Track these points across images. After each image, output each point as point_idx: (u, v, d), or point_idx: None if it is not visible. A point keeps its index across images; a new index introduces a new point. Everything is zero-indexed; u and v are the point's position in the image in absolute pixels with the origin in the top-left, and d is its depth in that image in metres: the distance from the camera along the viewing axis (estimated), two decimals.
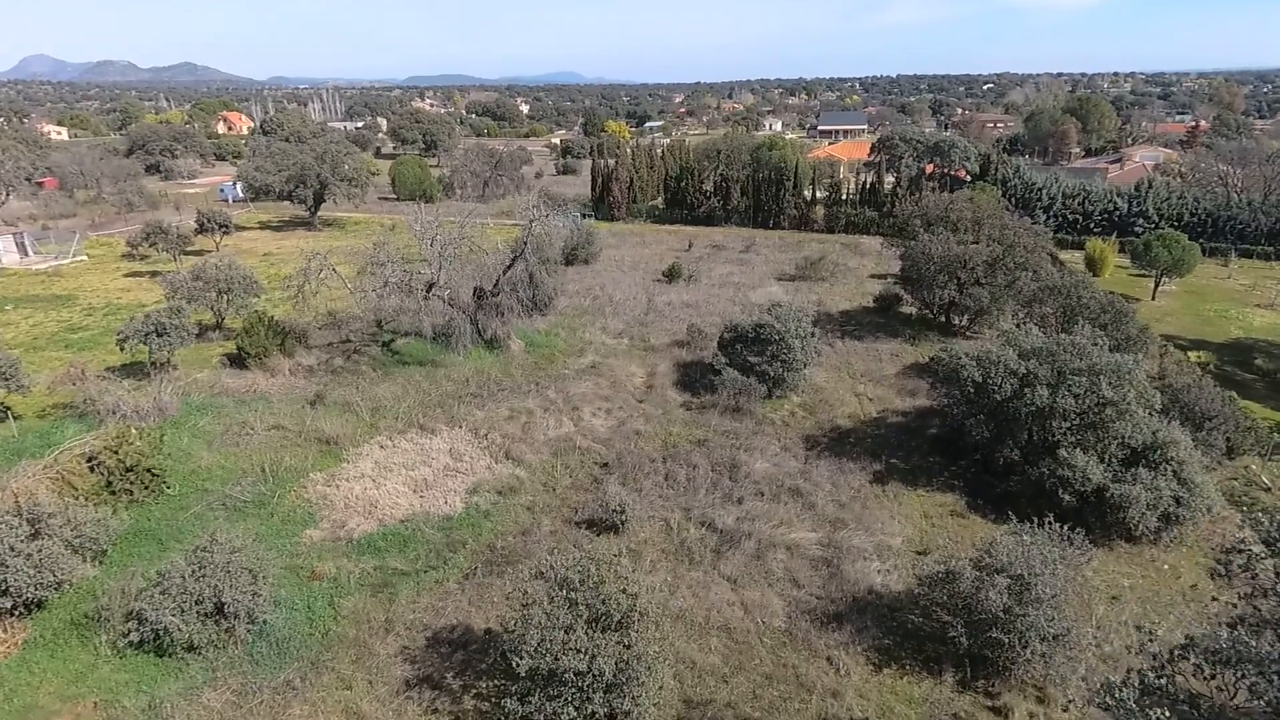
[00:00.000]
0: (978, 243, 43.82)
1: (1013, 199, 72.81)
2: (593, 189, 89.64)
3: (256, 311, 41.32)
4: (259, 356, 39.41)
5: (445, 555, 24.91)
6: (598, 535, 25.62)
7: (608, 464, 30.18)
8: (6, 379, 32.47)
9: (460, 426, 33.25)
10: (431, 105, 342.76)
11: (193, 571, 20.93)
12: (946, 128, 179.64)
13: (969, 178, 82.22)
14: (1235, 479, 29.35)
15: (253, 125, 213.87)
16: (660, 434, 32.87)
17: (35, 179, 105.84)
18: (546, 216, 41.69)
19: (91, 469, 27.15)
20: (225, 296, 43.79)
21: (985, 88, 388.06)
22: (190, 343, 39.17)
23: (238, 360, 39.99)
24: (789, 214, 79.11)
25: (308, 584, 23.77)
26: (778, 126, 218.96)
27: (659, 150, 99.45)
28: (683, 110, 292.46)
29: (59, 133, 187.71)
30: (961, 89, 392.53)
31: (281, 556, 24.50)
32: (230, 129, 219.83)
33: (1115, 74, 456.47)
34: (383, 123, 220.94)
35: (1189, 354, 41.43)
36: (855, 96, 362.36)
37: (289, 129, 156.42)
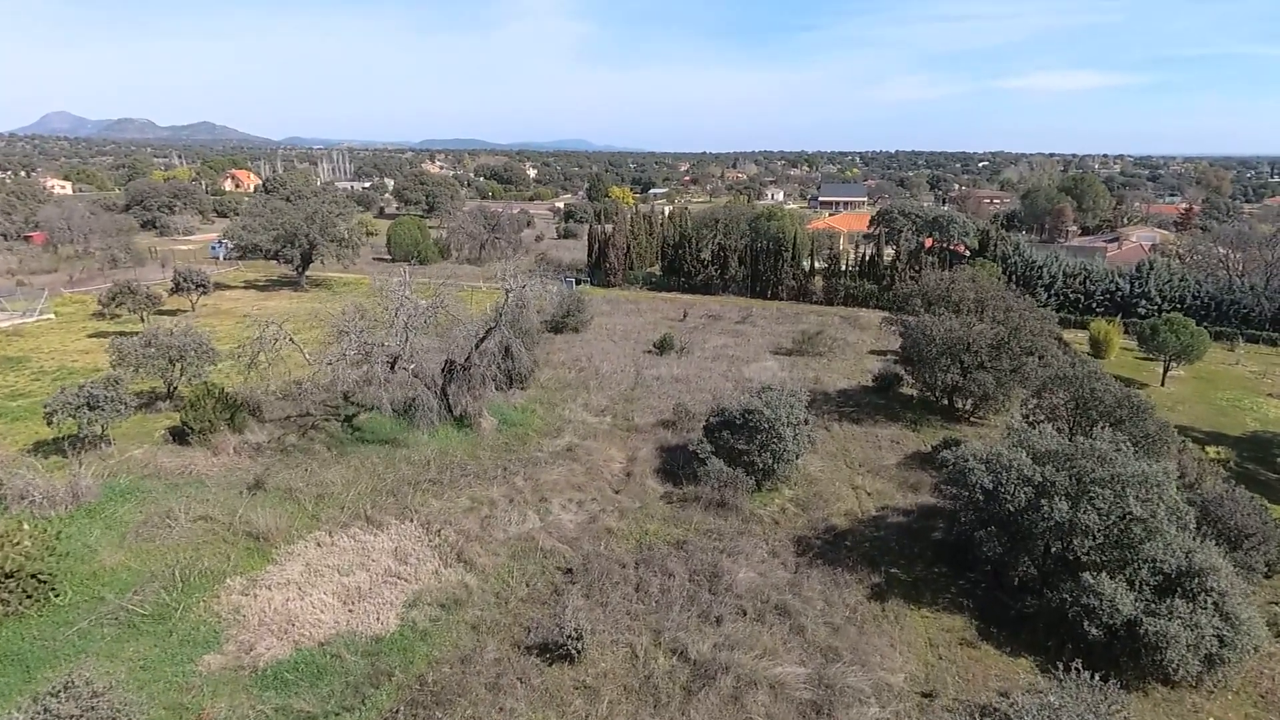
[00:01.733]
0: (981, 324, 41.30)
1: (1013, 276, 71.26)
2: (589, 254, 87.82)
3: (205, 383, 38.31)
4: (203, 433, 36.26)
5: (365, 692, 20.63)
6: (549, 665, 21.91)
7: (572, 570, 26.54)
8: None
9: (412, 520, 29.62)
10: (441, 168, 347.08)
11: None
12: (944, 202, 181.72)
13: (968, 253, 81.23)
14: (1276, 603, 25.68)
15: (259, 183, 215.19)
16: (635, 532, 29.38)
17: (23, 234, 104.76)
18: (524, 286, 38.94)
19: None
20: (178, 364, 40.86)
21: (980, 164, 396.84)
22: (127, 415, 36.15)
23: (181, 435, 36.82)
24: (787, 284, 77.28)
25: None
26: (779, 196, 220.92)
27: (659, 217, 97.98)
28: (687, 178, 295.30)
29: (63, 187, 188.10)
30: (958, 165, 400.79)
31: (167, 692, 20.64)
32: (238, 186, 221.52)
33: (1105, 155, 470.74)
34: (389, 183, 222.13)
35: (1207, 449, 38.19)
36: (855, 169, 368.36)
37: (291, 187, 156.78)
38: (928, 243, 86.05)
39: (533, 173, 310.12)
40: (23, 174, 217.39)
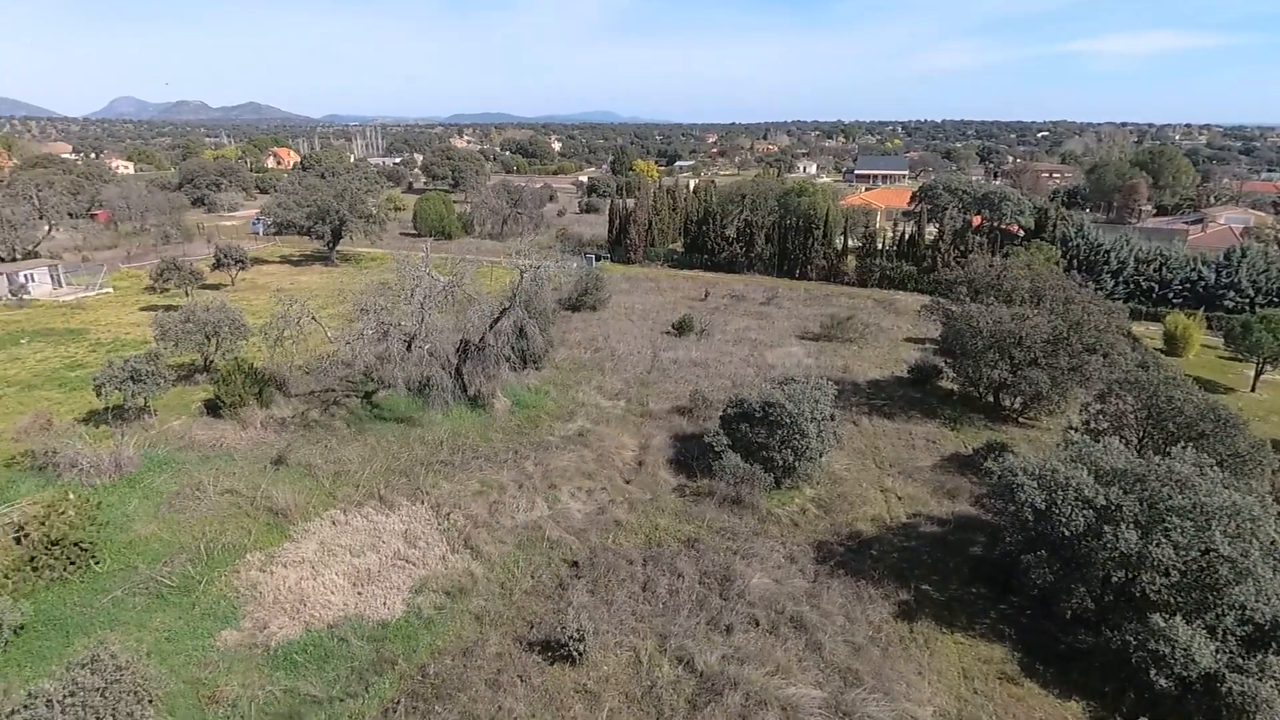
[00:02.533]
0: (1037, 316, 37.88)
1: (1074, 260, 65.82)
2: (610, 230, 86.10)
3: (236, 359, 39.02)
4: (233, 406, 37.14)
5: (369, 679, 20.68)
6: (550, 664, 21.11)
7: (578, 563, 25.49)
8: None
9: (422, 502, 29.33)
10: (468, 142, 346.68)
11: (65, 695, 17.48)
12: (996, 176, 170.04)
13: (1022, 233, 75.85)
14: None
15: (298, 160, 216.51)
16: (645, 526, 28.07)
17: (90, 212, 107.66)
18: (538, 266, 37.55)
19: (18, 540, 24.66)
20: (214, 339, 41.66)
21: (1039, 136, 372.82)
22: (166, 389, 37.40)
23: (214, 408, 37.76)
24: (817, 264, 74.35)
25: (205, 708, 19.92)
26: (812, 169, 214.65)
27: (682, 191, 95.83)
28: (715, 150, 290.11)
29: (126, 168, 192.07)
30: (1013, 136, 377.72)
31: (187, 666, 21.25)
32: (279, 163, 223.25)
33: (1188, 125, 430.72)
34: (418, 158, 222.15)
35: None
36: (896, 140, 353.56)
37: (325, 164, 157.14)
38: (975, 221, 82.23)
39: (557, 146, 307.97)
40: (92, 156, 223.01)
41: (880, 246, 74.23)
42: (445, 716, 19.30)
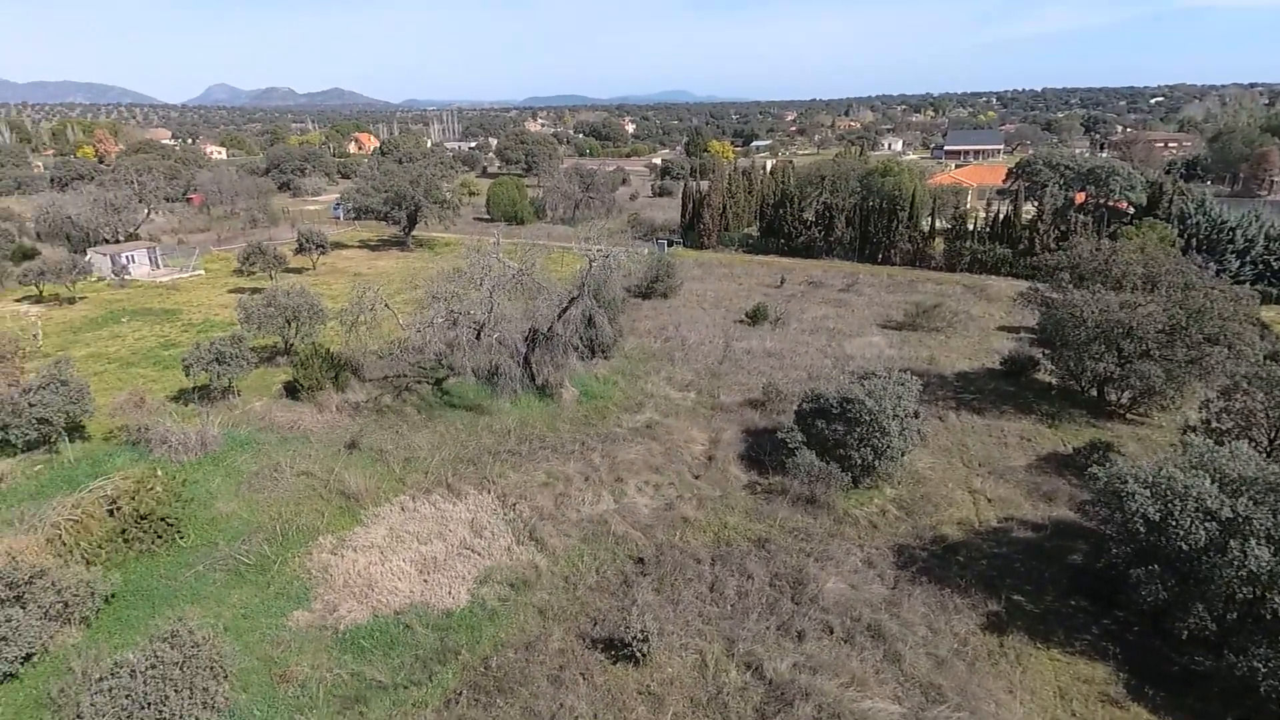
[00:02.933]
0: (1150, 304, 34.72)
1: (1193, 240, 60.21)
2: (683, 214, 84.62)
3: (314, 343, 40.00)
4: (311, 390, 38.00)
5: (432, 668, 20.63)
6: (613, 663, 20.49)
7: (644, 560, 24.72)
8: (74, 403, 32.52)
9: (489, 492, 29.21)
10: (542, 125, 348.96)
11: (147, 666, 18.30)
12: (1103, 148, 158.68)
13: (1132, 211, 70.39)
14: None
15: (377, 145, 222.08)
16: (714, 524, 27.00)
17: (186, 196, 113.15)
18: (607, 255, 36.70)
19: (110, 513, 25.65)
20: (293, 323, 42.69)
21: (1153, 101, 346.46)
22: (249, 371, 38.55)
23: (293, 391, 38.82)
24: (901, 248, 70.92)
25: (276, 686, 20.32)
26: (897, 146, 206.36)
27: (759, 173, 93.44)
28: (794, 129, 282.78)
29: (219, 153, 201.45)
30: (1123, 103, 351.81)
31: (260, 644, 21.80)
32: (360, 148, 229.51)
33: None
34: (493, 143, 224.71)
35: None
36: (991, 113, 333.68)
37: (403, 150, 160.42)
38: (1079, 198, 77.20)
39: (631, 128, 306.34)
40: (188, 141, 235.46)
41: (971, 228, 70.17)
42: (506, 711, 19.00)
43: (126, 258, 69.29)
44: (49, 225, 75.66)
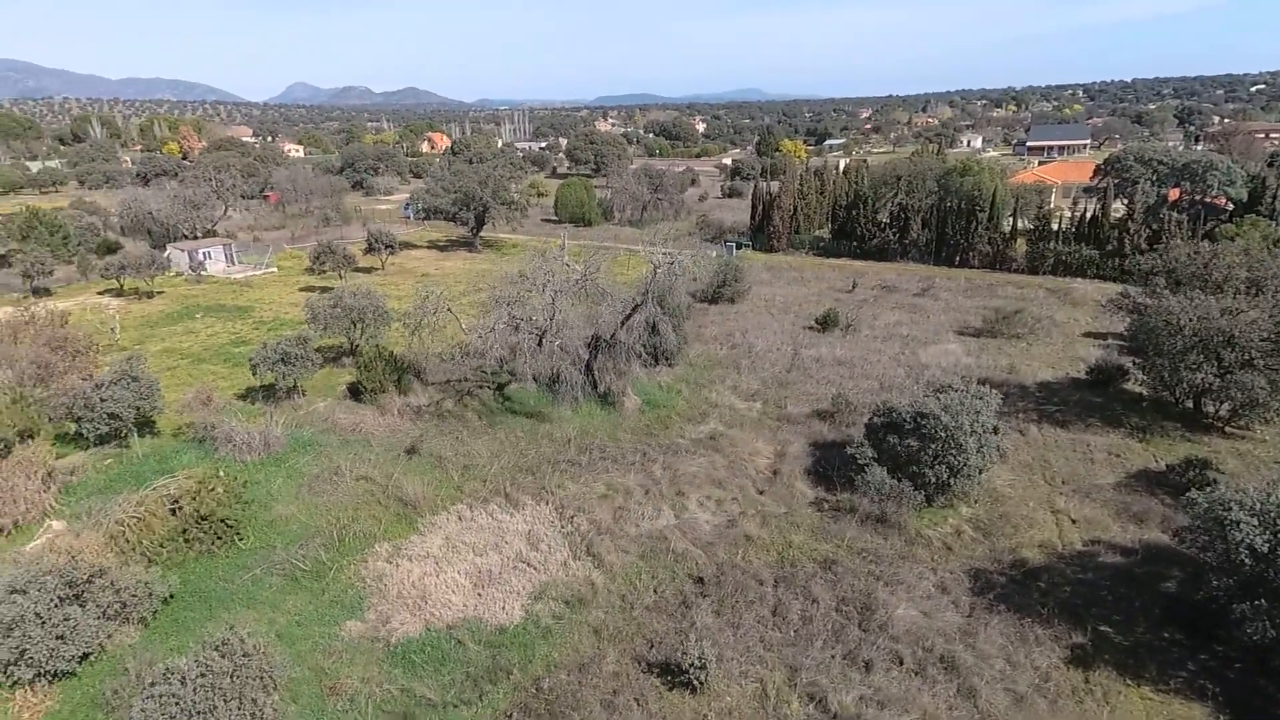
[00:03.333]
0: (1255, 310, 32.38)
1: None
2: (752, 216, 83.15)
3: (377, 345, 40.29)
4: (373, 392, 38.34)
5: (483, 687, 20.21)
6: (670, 689, 19.76)
7: (703, 580, 23.85)
8: (144, 399, 33.35)
9: (547, 503, 28.74)
10: (613, 125, 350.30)
11: (197, 674, 18.24)
12: (1198, 140, 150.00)
13: (1231, 207, 66.36)
14: None
15: (449, 144, 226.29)
16: (777, 543, 25.96)
17: (263, 193, 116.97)
18: (671, 262, 36.00)
19: (173, 512, 26.13)
20: (358, 325, 43.19)
21: (1254, 89, 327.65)
22: (313, 371, 39.13)
23: (356, 393, 39.26)
24: (980, 250, 67.99)
25: (325, 698, 20.23)
26: (977, 143, 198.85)
27: (832, 173, 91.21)
28: (868, 127, 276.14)
29: (296, 151, 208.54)
30: (1220, 92, 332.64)
31: (313, 653, 21.71)
32: (432, 148, 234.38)
33: None
34: (563, 143, 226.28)
35: None
36: (1077, 106, 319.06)
37: (474, 150, 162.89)
38: (1172, 195, 72.89)
39: (702, 127, 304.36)
40: (268, 139, 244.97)
41: (1056, 228, 66.76)
42: None
43: (203, 254, 71.70)
44: (131, 220, 78.85)
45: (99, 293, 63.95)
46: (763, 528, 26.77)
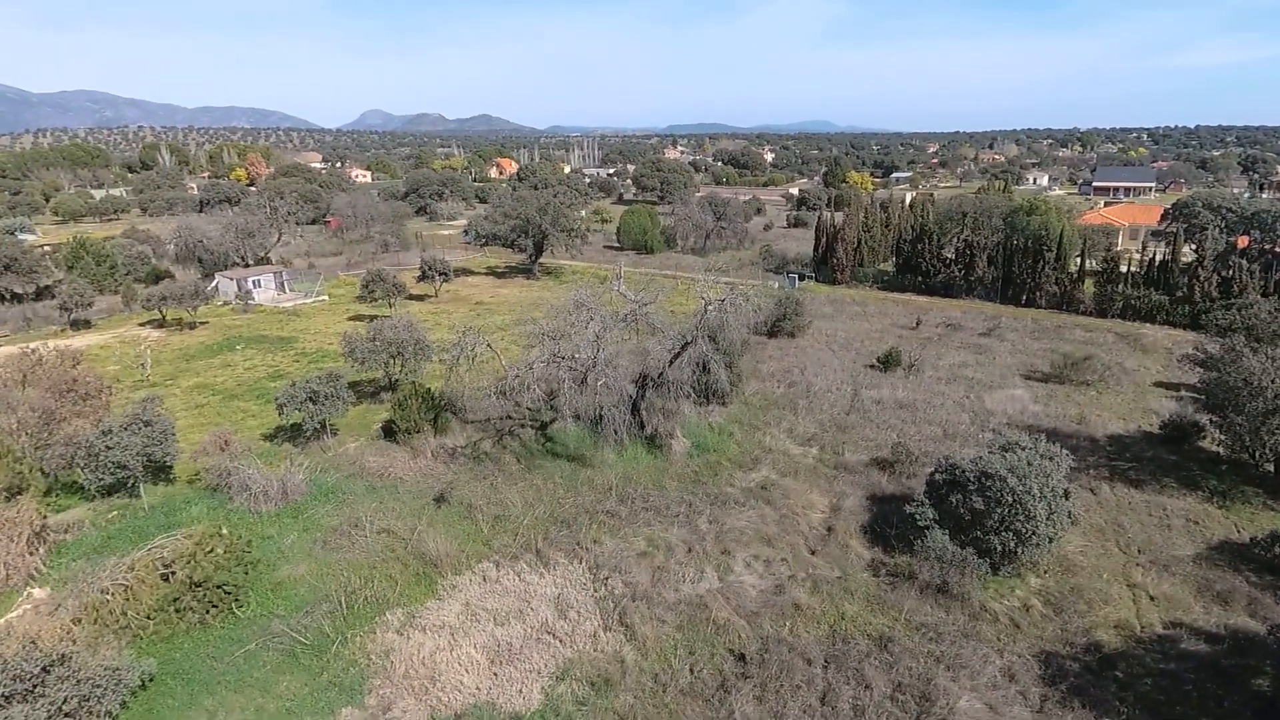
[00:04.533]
0: None
1: None
2: (816, 247, 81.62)
3: (413, 383, 38.87)
4: (408, 432, 37.24)
5: None
6: None
7: (745, 658, 22.13)
8: (156, 445, 31.65)
9: (580, 560, 26.97)
10: (682, 153, 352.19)
11: None
12: (1262, 189, 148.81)
13: None
14: None
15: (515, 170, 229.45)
16: (829, 614, 24.19)
17: (325, 219, 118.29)
18: (724, 301, 34.77)
19: (165, 578, 24.25)
20: (397, 359, 42.30)
21: None
22: (345, 411, 37.86)
23: (390, 432, 38.03)
24: (1047, 290, 65.69)
25: None
26: (1043, 181, 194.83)
27: (898, 207, 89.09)
28: (935, 161, 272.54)
29: (364, 176, 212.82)
30: None
31: None
32: (500, 173, 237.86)
33: None
34: (631, 169, 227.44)
35: None
36: (1141, 149, 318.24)
37: (539, 176, 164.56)
38: (1241, 243, 69.93)
39: (770, 157, 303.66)
40: (337, 165, 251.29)
41: (1127, 271, 64.17)
42: None
43: (253, 282, 71.37)
44: (184, 248, 79.14)
45: (141, 324, 63.42)
46: (814, 595, 25.03)
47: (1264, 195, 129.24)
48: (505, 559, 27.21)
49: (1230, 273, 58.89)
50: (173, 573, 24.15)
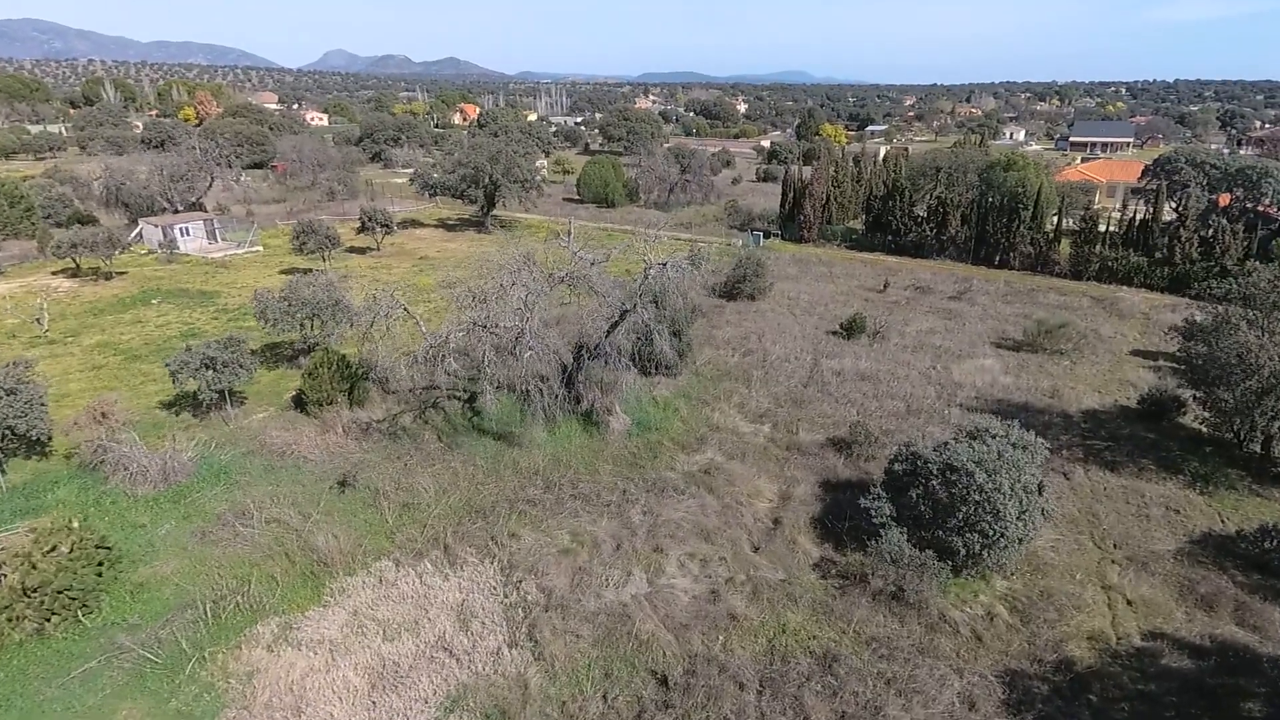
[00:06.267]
0: None
1: None
2: (782, 204, 77.80)
3: (325, 350, 34.70)
4: (319, 404, 33.42)
5: None
6: None
7: (668, 683, 19.06)
8: (21, 417, 27.61)
9: (493, 560, 23.70)
10: (654, 102, 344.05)
11: None
12: (1241, 144, 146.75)
13: None
14: None
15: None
16: (769, 625, 21.19)
17: (272, 164, 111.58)
18: (665, 265, 31.09)
19: None
20: (314, 322, 38.32)
21: None
22: (248, 377, 33.91)
23: (301, 403, 34.21)
24: (1021, 250, 62.77)
25: None
26: (1020, 135, 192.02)
27: (870, 162, 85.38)
28: (911, 114, 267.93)
29: (320, 119, 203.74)
30: (1259, 97, 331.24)
31: None
32: (465, 120, 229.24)
33: None
34: (599, 118, 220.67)
35: None
36: (1119, 103, 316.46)
37: (500, 123, 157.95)
38: (1222, 201, 67.35)
39: (743, 108, 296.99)
40: (294, 107, 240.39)
41: (1105, 230, 61.32)
42: None
43: (180, 230, 66.35)
44: (110, 191, 73.22)
45: (54, 273, 58.69)
46: (753, 602, 21.97)
47: (1243, 151, 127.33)
48: (408, 556, 23.90)
49: (1211, 233, 56.86)
50: (2, 575, 20.66)
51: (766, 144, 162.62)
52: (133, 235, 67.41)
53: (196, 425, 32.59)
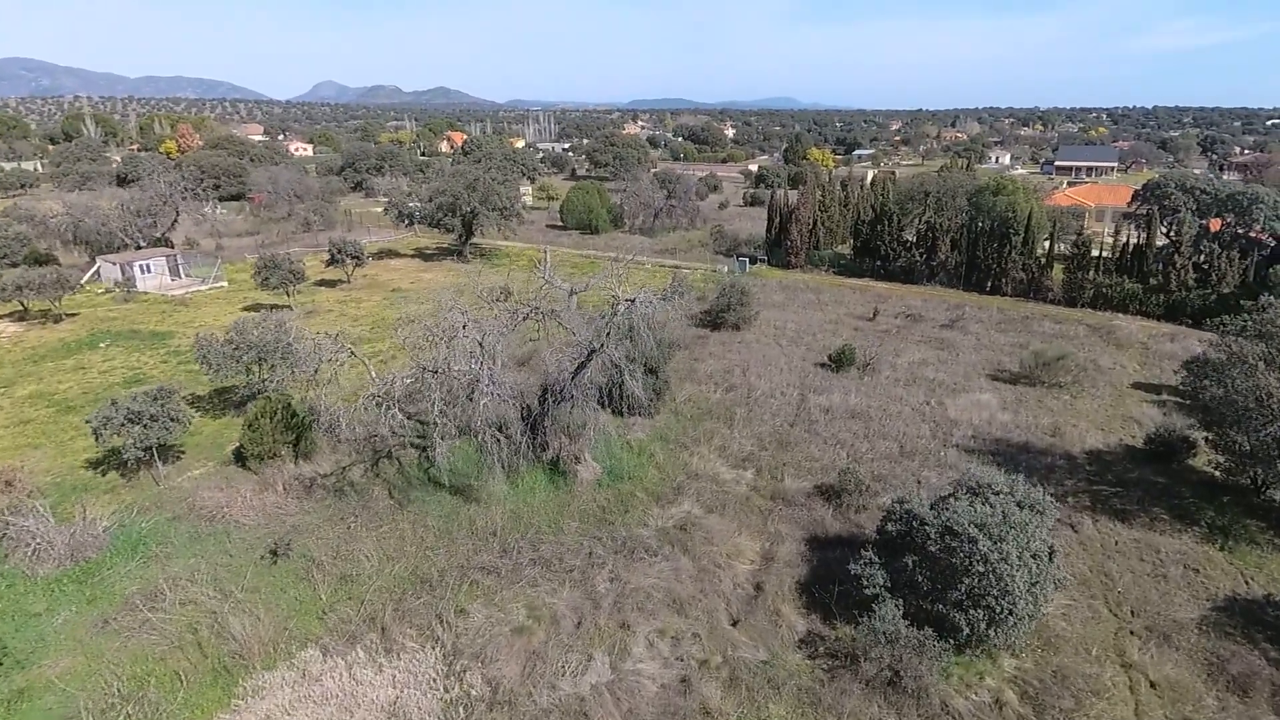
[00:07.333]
0: None
1: None
2: (769, 228, 75.84)
3: (267, 398, 31.82)
4: (259, 458, 30.62)
5: None
6: None
7: None
8: None
9: (435, 645, 20.72)
10: (642, 127, 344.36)
11: None
12: (1222, 169, 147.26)
13: (1273, 242, 60.56)
14: None
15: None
16: None
17: (248, 195, 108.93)
18: (634, 301, 28.64)
19: None
20: (264, 366, 35.65)
21: (1269, 124, 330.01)
22: (181, 432, 30.91)
23: (242, 457, 31.30)
24: (1013, 277, 61.05)
25: None
26: (1005, 159, 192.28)
27: (858, 186, 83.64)
28: (898, 139, 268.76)
29: (305, 150, 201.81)
30: (1237, 124, 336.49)
31: None
32: (452, 147, 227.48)
33: None
34: (586, 144, 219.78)
35: None
36: (1101, 128, 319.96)
37: (484, 150, 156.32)
38: (1213, 226, 65.92)
39: (731, 133, 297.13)
40: (279, 138, 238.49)
41: (1099, 255, 59.57)
42: None
43: (140, 267, 63.42)
44: (69, 229, 70.45)
45: (0, 316, 55.18)
46: (729, 691, 19.20)
47: (1225, 176, 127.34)
48: (339, 641, 20.93)
49: (1203, 259, 55.44)
50: None
51: (754, 168, 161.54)
52: (89, 274, 64.62)
53: (123, 486, 29.62)
